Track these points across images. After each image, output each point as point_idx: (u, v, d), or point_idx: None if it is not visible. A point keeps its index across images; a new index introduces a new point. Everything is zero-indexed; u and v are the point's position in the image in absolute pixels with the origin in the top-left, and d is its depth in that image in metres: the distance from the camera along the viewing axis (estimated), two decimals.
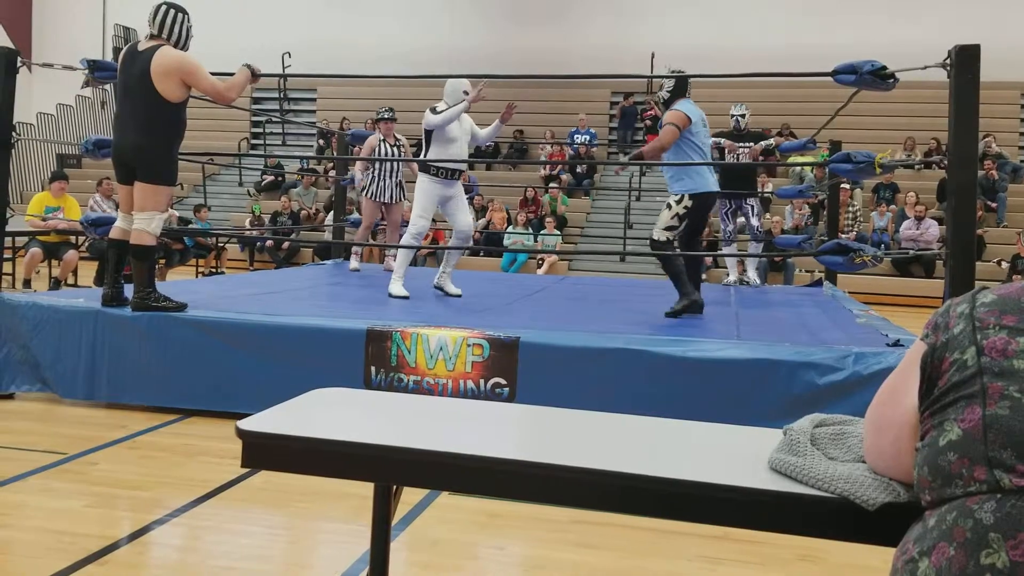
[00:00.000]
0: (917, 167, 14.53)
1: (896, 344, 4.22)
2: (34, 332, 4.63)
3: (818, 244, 8.76)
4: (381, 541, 1.94)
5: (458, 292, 6.16)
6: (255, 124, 18.71)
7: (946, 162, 4.43)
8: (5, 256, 6.67)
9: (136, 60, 4.49)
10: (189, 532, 2.93)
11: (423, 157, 5.95)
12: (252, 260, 13.88)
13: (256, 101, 18.67)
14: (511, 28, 17.97)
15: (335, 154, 11.67)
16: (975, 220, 4.49)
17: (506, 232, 13.63)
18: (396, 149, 7.69)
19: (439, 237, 13.04)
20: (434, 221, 6.55)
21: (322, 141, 17.01)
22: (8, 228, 5.43)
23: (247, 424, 1.77)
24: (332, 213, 10.78)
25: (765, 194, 12.79)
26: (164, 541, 2.86)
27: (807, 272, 12.24)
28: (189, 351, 4.46)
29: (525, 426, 1.97)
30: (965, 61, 4.31)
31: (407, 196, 7.56)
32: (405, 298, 5.81)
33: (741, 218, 8.55)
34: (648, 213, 13.66)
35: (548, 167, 16.03)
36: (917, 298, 11.82)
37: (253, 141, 18.65)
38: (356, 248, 8.40)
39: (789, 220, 13.35)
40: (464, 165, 6.10)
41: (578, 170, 15.88)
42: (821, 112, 10.26)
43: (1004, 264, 11.86)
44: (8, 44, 15.91)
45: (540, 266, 13.33)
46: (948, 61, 4.37)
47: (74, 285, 9.09)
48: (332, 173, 11.12)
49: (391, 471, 1.72)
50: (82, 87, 6.21)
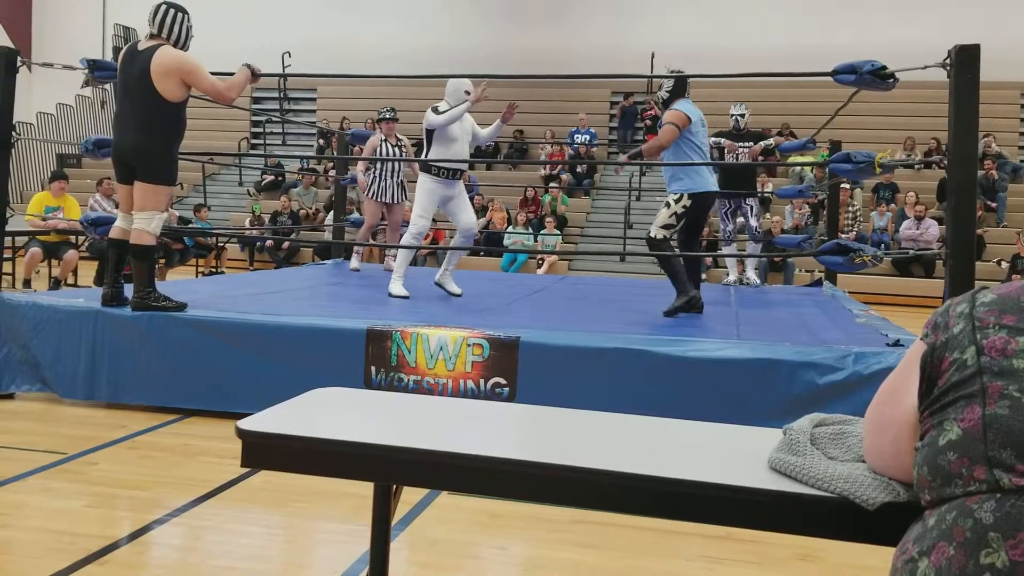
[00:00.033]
0: (917, 167, 14.53)
1: (896, 344, 4.22)
2: (34, 332, 4.63)
3: (818, 244, 8.77)
4: (381, 541, 1.94)
5: (459, 291, 6.15)
6: (255, 124, 18.72)
7: (946, 162, 4.43)
8: (5, 256, 6.68)
9: (136, 60, 4.49)
10: (189, 532, 2.93)
11: (424, 157, 5.95)
12: (252, 260, 13.88)
13: (256, 101, 18.67)
14: (511, 28, 17.97)
15: (335, 154, 11.66)
16: (975, 220, 4.49)
17: (506, 232, 13.64)
18: (398, 149, 7.69)
19: (439, 237, 13.04)
20: (434, 221, 6.55)
21: (322, 141, 17.02)
22: (8, 228, 5.43)
23: (247, 424, 1.77)
24: (332, 213, 10.78)
25: (765, 194, 12.81)
26: (164, 541, 2.86)
27: (807, 272, 12.24)
28: (189, 351, 4.46)
29: (525, 426, 1.97)
30: (965, 61, 4.31)
31: (408, 197, 7.56)
32: (405, 298, 5.82)
33: (741, 218, 8.55)
34: (648, 213, 13.63)
35: (548, 167, 16.03)
36: (917, 298, 11.82)
37: (253, 141, 18.66)
38: (358, 248, 8.41)
39: (789, 220, 13.35)
40: (465, 165, 6.10)
41: (578, 170, 15.88)
42: (821, 112, 10.26)
43: (1004, 264, 11.86)
44: (8, 44, 15.89)
45: (540, 266, 13.34)
46: (948, 61, 4.37)
47: (74, 285, 9.09)
48: (332, 173, 11.11)
49: (391, 471, 1.72)
50: (82, 87, 6.22)
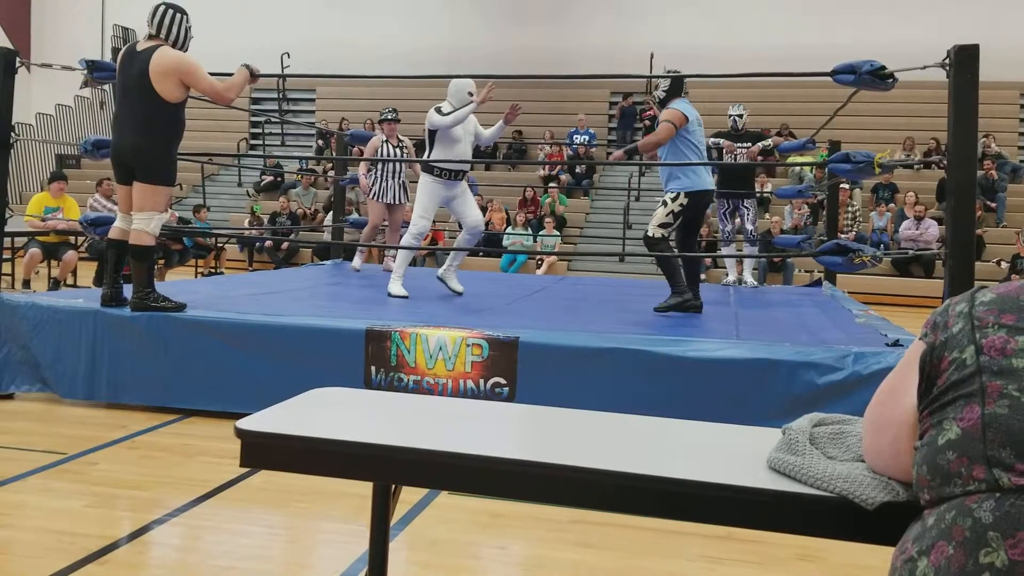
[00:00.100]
0: (916, 167, 14.53)
1: (895, 344, 4.22)
2: (34, 332, 4.63)
3: (817, 244, 8.77)
4: (380, 541, 1.94)
5: (460, 289, 6.16)
6: (254, 124, 18.71)
7: (945, 162, 4.43)
8: (5, 256, 6.68)
9: (135, 60, 4.49)
10: (189, 532, 2.93)
11: (426, 157, 5.95)
12: (251, 260, 13.88)
13: (255, 101, 18.67)
14: (511, 28, 17.97)
15: (334, 154, 11.66)
16: (974, 220, 4.49)
17: (505, 233, 13.64)
18: (399, 150, 7.68)
19: (438, 238, 13.04)
20: (433, 222, 6.55)
21: (321, 141, 17.02)
22: (7, 228, 5.43)
23: (246, 424, 1.77)
24: (331, 213, 10.78)
25: (764, 194, 12.81)
26: (164, 541, 2.86)
27: (806, 272, 12.24)
28: (188, 351, 4.46)
29: (525, 426, 1.97)
30: (964, 61, 4.31)
31: (410, 198, 7.56)
32: (404, 298, 5.82)
33: (739, 219, 8.56)
34: (647, 213, 13.63)
35: (547, 167, 16.03)
36: (916, 298, 11.82)
37: (252, 141, 18.65)
38: (361, 248, 8.41)
39: (788, 220, 13.35)
40: (467, 165, 6.10)
41: (577, 170, 15.88)
42: (820, 112, 10.26)
43: (1004, 264, 11.87)
44: (7, 44, 15.89)
45: (539, 266, 13.34)
46: (947, 61, 4.37)
47: (73, 285, 9.09)
48: (331, 174, 11.11)
49: (391, 471, 1.72)
50: (81, 87, 6.22)
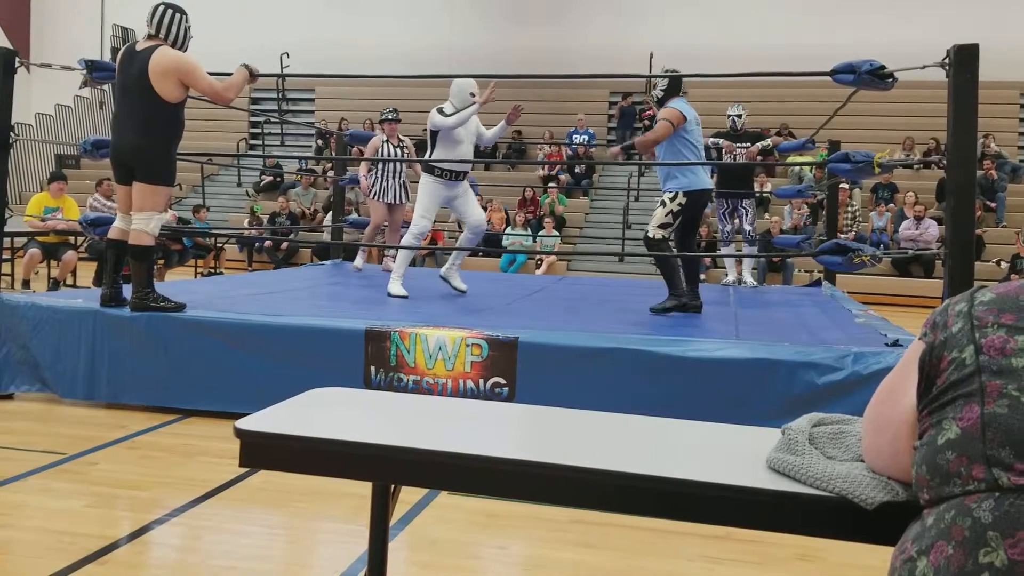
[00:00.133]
0: (916, 167, 14.54)
1: (895, 344, 4.22)
2: (33, 332, 4.63)
3: (817, 244, 8.76)
4: (379, 540, 1.94)
5: (464, 287, 6.16)
6: (254, 124, 18.71)
7: (945, 162, 4.43)
8: (4, 257, 6.68)
9: (134, 60, 4.49)
10: (188, 532, 2.93)
11: (427, 157, 5.95)
12: (251, 261, 13.88)
13: (255, 101, 18.67)
14: (511, 28, 17.97)
15: (334, 154, 11.66)
16: (974, 220, 4.49)
17: (505, 233, 13.63)
18: (400, 150, 7.68)
19: (438, 238, 13.04)
20: (433, 222, 6.55)
21: (320, 141, 17.02)
22: (7, 229, 5.43)
23: (245, 424, 1.76)
24: (331, 213, 10.78)
25: (764, 194, 12.81)
26: (164, 541, 2.86)
27: (806, 272, 12.24)
28: (188, 351, 4.46)
29: (524, 426, 1.97)
30: (964, 61, 4.31)
31: (410, 198, 7.55)
32: (404, 297, 5.82)
33: (738, 219, 8.56)
34: (646, 213, 13.64)
35: (547, 167, 16.03)
36: (916, 298, 11.83)
37: (252, 141, 18.65)
38: (363, 247, 8.41)
39: (788, 220, 13.35)
40: (468, 166, 6.10)
41: (576, 170, 15.88)
42: (820, 112, 10.25)
43: (1003, 264, 11.87)
44: (6, 44, 15.89)
45: (539, 266, 13.34)
46: (947, 61, 4.37)
47: (73, 285, 9.08)
48: (331, 174, 11.11)
49: (390, 471, 1.72)
50: (80, 87, 6.22)
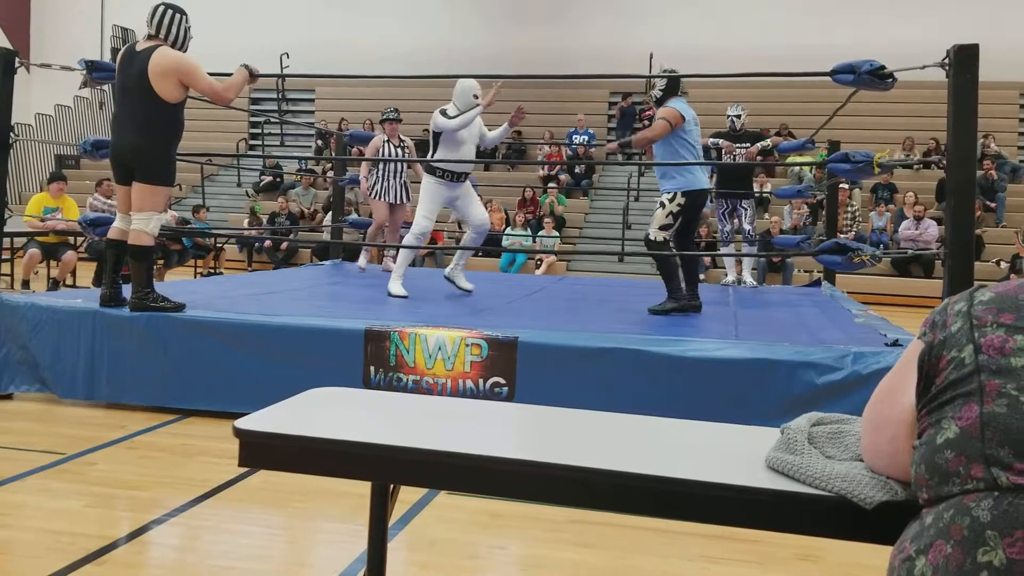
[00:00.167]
0: (916, 167, 14.54)
1: (894, 344, 4.22)
2: (33, 332, 4.63)
3: (817, 244, 8.76)
4: (378, 540, 1.94)
5: (470, 287, 6.16)
6: (253, 125, 18.71)
7: (945, 162, 4.43)
8: (4, 257, 6.68)
9: (134, 61, 4.49)
10: (188, 532, 2.93)
11: (429, 158, 5.94)
12: (250, 261, 13.87)
13: (255, 102, 18.67)
14: (511, 28, 17.97)
15: (333, 155, 11.67)
16: (974, 220, 4.49)
17: (504, 233, 13.63)
18: (401, 150, 7.67)
19: (438, 238, 13.04)
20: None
21: (320, 142, 17.02)
22: (7, 229, 5.43)
23: (244, 423, 1.76)
24: (330, 214, 10.78)
25: (764, 194, 12.80)
26: (163, 541, 2.86)
27: (806, 272, 12.24)
28: (188, 351, 4.46)
29: (524, 426, 1.97)
30: (964, 61, 4.31)
31: (411, 198, 7.55)
32: (404, 298, 5.82)
33: (737, 219, 8.56)
34: (646, 213, 13.64)
35: (546, 167, 16.03)
36: (916, 298, 11.82)
37: (251, 142, 18.65)
38: (366, 247, 8.41)
39: (788, 220, 13.35)
40: (470, 166, 6.10)
41: (576, 170, 15.88)
42: (820, 112, 10.26)
43: (1003, 264, 11.87)
44: (6, 44, 15.89)
45: (539, 266, 13.34)
46: (947, 61, 4.37)
47: (72, 286, 9.08)
48: (330, 174, 11.11)
49: (389, 470, 1.72)
50: (80, 88, 6.21)
